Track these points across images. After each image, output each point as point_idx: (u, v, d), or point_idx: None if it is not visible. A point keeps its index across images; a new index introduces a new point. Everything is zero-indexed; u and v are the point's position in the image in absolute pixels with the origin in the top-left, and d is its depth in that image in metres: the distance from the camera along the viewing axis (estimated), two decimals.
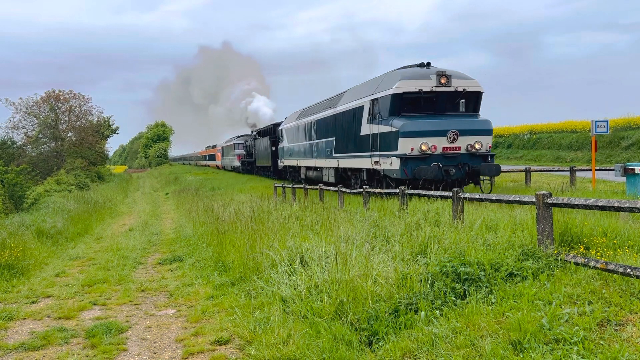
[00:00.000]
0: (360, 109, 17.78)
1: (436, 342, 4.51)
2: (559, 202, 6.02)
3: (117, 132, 49.27)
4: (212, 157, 70.77)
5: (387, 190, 12.49)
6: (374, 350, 4.90)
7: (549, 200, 6.10)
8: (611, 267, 5.05)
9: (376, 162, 16.33)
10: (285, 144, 29.87)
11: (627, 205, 5.27)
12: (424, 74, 15.61)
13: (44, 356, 5.53)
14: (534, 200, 6.34)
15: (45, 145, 42.23)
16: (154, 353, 5.51)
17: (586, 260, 5.41)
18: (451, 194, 8.73)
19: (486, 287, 5.39)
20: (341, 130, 19.81)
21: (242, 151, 48.66)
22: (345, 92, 21.02)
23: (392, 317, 5.22)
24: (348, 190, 14.46)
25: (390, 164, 15.24)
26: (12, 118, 41.20)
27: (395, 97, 15.36)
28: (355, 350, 4.88)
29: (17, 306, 7.47)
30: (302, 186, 18.43)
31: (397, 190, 11.11)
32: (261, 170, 39.86)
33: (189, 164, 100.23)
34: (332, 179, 21.23)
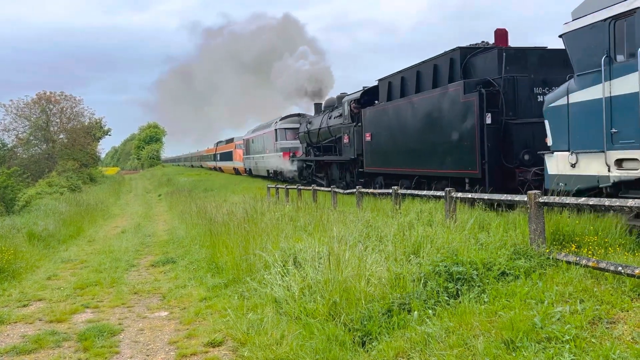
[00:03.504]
0: None
1: (429, 342, 4.52)
2: (551, 201, 6.07)
3: (109, 133, 49.04)
4: (227, 157, 49.69)
5: (379, 191, 12.51)
6: (368, 351, 4.89)
7: (541, 200, 6.14)
8: (602, 265, 5.08)
9: None
10: None
11: (617, 204, 5.32)
12: None
13: None
14: (525, 199, 6.38)
15: (36, 147, 42.04)
16: (147, 355, 5.48)
17: (578, 258, 5.44)
18: (443, 194, 8.75)
19: (479, 286, 5.40)
20: None
21: (296, 143, 27.31)
22: None
23: (385, 317, 5.22)
24: (341, 191, 14.48)
25: None
26: (3, 120, 41.28)
27: None
28: (349, 351, 4.88)
29: (8, 310, 7.41)
30: (295, 187, 18.41)
31: (390, 191, 11.12)
32: (382, 182, 16.92)
33: (191, 165, 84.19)
34: None
